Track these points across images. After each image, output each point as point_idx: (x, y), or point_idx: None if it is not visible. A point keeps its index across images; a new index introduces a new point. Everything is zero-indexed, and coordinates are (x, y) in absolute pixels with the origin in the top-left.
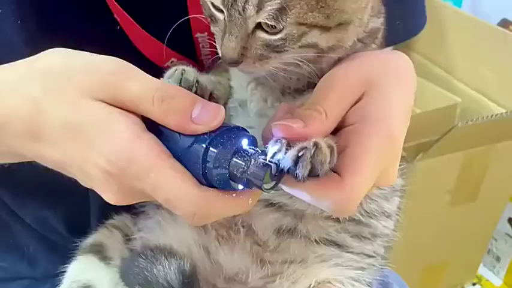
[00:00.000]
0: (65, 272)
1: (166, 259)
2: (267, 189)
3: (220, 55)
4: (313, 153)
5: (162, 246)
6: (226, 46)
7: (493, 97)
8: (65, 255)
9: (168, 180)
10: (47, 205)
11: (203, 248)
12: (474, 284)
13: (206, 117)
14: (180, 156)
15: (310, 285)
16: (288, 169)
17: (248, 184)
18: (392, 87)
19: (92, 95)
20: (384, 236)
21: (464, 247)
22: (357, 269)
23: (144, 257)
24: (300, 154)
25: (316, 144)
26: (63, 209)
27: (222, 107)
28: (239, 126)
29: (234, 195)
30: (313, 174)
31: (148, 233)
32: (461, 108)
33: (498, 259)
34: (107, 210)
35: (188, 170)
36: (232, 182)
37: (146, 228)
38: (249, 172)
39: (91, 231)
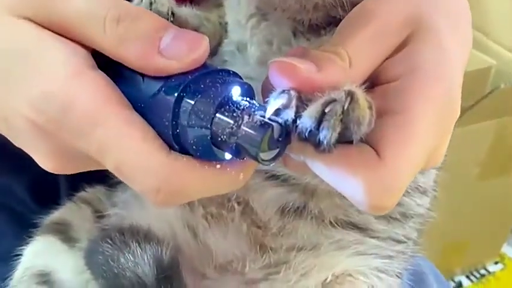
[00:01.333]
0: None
1: (139, 245)
2: (265, 160)
3: None
4: (347, 107)
5: (137, 226)
6: None
7: None
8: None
9: (122, 139)
10: (8, 170)
11: (188, 228)
12: (496, 263)
13: (180, 48)
14: (141, 108)
15: (326, 279)
16: (309, 132)
17: (239, 152)
18: (448, 31)
19: (15, 10)
20: (418, 216)
21: (488, 224)
22: (383, 258)
23: (110, 241)
24: (327, 110)
25: (350, 94)
26: (28, 175)
27: (206, 37)
28: (229, 70)
29: (218, 166)
30: (343, 139)
31: (124, 208)
32: (496, 70)
33: None
34: (76, 180)
35: (153, 128)
36: (215, 148)
37: (122, 203)
38: (239, 134)
39: (62, 203)
